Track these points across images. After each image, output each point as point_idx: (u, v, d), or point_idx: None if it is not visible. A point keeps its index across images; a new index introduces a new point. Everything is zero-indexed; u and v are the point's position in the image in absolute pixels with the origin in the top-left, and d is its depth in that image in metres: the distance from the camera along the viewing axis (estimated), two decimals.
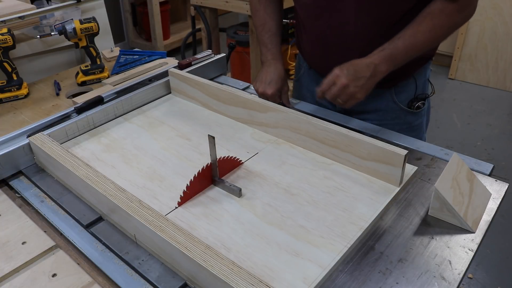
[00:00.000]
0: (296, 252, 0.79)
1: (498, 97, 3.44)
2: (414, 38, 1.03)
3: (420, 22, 1.04)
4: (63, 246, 0.85)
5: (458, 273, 0.76)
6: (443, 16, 1.03)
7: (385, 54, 1.02)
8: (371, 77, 1.00)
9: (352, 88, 0.99)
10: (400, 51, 1.03)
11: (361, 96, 1.01)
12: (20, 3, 1.58)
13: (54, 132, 1.11)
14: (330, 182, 0.97)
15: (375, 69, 1.00)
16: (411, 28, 1.04)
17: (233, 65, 3.14)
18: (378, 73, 1.02)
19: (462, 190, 0.87)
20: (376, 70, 1.01)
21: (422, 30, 1.03)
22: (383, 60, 1.02)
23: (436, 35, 1.05)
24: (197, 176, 0.92)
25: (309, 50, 1.30)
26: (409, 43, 1.03)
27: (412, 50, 1.04)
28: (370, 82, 1.01)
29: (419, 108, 1.25)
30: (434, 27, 1.03)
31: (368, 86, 1.01)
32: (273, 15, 1.27)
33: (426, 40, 1.04)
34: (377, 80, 1.02)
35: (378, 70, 1.01)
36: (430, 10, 1.04)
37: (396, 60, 1.03)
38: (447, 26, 1.06)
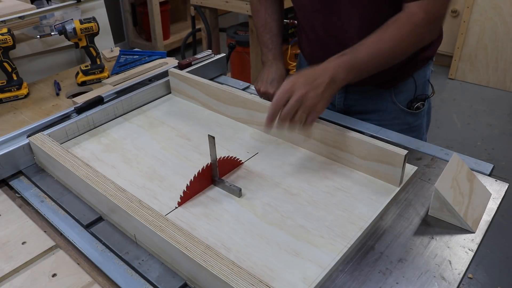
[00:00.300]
0: (296, 252, 0.79)
1: (498, 97, 3.44)
2: (377, 46, 0.96)
3: (385, 30, 0.98)
4: (63, 246, 0.85)
5: (458, 273, 0.76)
6: (410, 26, 0.97)
7: (344, 59, 0.94)
8: (329, 83, 0.91)
9: (311, 99, 0.89)
10: (361, 58, 0.95)
11: (321, 107, 0.91)
12: (20, 3, 1.58)
13: (54, 132, 1.11)
14: (330, 182, 0.97)
15: (333, 76, 0.92)
16: (375, 35, 0.97)
17: (233, 65, 3.14)
18: (337, 80, 0.92)
19: (462, 190, 0.87)
20: (334, 77, 0.92)
21: (386, 38, 0.97)
22: (342, 65, 0.93)
23: (401, 45, 0.98)
24: (197, 176, 0.92)
25: (309, 50, 1.31)
26: (371, 51, 0.96)
27: (374, 58, 0.96)
28: (329, 90, 0.92)
29: (419, 109, 1.25)
30: (399, 36, 0.97)
31: (327, 94, 0.92)
32: (273, 15, 1.27)
33: (389, 49, 0.97)
34: (336, 89, 0.93)
35: (336, 76, 0.92)
36: (397, 18, 0.98)
37: (356, 68, 0.95)
38: (413, 36, 0.99)
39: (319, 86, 0.90)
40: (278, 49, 1.26)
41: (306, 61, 1.36)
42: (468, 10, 3.41)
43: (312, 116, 0.92)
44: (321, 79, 0.91)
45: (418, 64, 1.21)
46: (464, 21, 3.46)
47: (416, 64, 1.20)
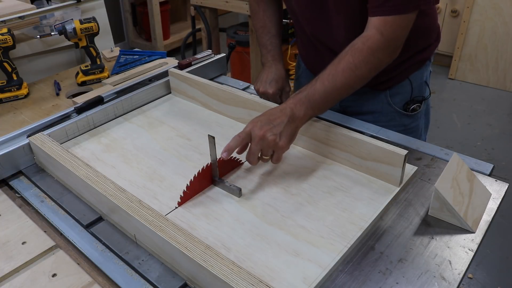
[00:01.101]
0: (296, 252, 0.79)
1: (498, 97, 3.44)
2: (332, 79, 0.95)
3: (340, 60, 0.96)
4: (63, 246, 0.85)
5: (458, 273, 0.76)
6: (366, 51, 0.95)
7: (301, 97, 0.95)
8: (289, 122, 0.92)
9: (270, 137, 0.90)
10: (319, 93, 0.95)
11: (284, 143, 0.91)
12: (20, 3, 1.58)
13: (54, 132, 1.11)
14: (330, 182, 0.97)
15: (291, 113, 0.93)
16: (330, 67, 0.97)
17: (233, 65, 3.14)
18: (296, 118, 0.93)
19: (462, 190, 0.87)
20: (293, 114, 0.93)
21: (340, 70, 0.95)
22: (299, 103, 0.94)
23: (358, 73, 0.96)
24: (197, 176, 0.92)
25: (304, 52, 1.33)
26: (327, 85, 0.95)
27: (331, 92, 0.96)
28: (289, 128, 0.92)
29: (415, 110, 1.24)
30: (353, 65, 0.95)
31: (288, 132, 0.92)
32: (272, 17, 1.28)
33: (345, 80, 0.96)
34: (298, 126, 0.95)
35: (295, 114, 0.93)
36: (353, 44, 0.97)
37: (314, 103, 0.95)
38: (370, 62, 0.96)
39: (278, 125, 0.91)
40: (277, 51, 1.26)
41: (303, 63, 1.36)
42: (468, 10, 3.41)
43: (277, 155, 0.93)
44: (279, 119, 0.92)
45: (414, 66, 1.20)
46: (464, 21, 3.46)
47: (412, 66, 1.20)
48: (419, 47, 1.18)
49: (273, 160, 0.94)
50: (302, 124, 0.96)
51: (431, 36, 1.21)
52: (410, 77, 1.21)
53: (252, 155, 0.92)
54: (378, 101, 1.23)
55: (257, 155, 0.92)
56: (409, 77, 1.21)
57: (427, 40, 1.20)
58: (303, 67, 1.37)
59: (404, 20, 0.97)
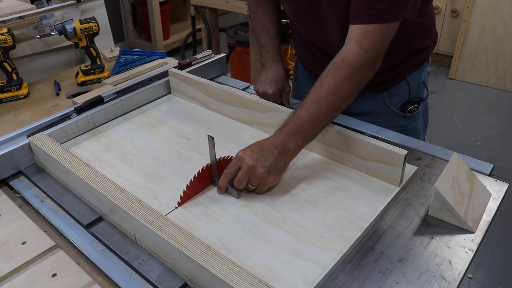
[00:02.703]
0: (296, 252, 0.79)
1: (498, 97, 3.44)
2: (317, 105, 0.93)
3: (322, 83, 0.94)
4: (63, 246, 0.85)
5: (458, 273, 0.76)
6: (345, 69, 0.93)
7: (288, 129, 0.93)
8: (280, 155, 0.91)
9: (259, 169, 0.89)
10: (306, 122, 0.93)
11: (272, 179, 0.91)
12: (20, 3, 1.58)
13: (54, 132, 1.11)
14: (330, 182, 0.97)
15: (283, 146, 0.92)
16: (313, 92, 0.94)
17: (233, 65, 3.14)
18: (288, 151, 0.92)
19: (462, 190, 0.87)
20: (284, 147, 0.92)
21: (323, 93, 0.93)
22: (288, 135, 0.92)
23: (341, 93, 0.94)
24: (197, 176, 0.92)
25: (301, 53, 1.33)
26: (312, 111, 0.93)
27: (318, 117, 0.93)
28: (280, 162, 0.92)
29: (413, 111, 1.24)
30: (335, 85, 0.93)
31: (278, 165, 0.91)
32: (271, 17, 1.28)
33: (329, 103, 0.93)
34: (289, 160, 0.94)
35: (286, 147, 0.92)
36: (333, 62, 0.95)
37: (304, 133, 0.93)
38: (352, 79, 0.93)
39: (268, 157, 0.90)
40: (277, 51, 1.26)
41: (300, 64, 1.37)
42: (468, 10, 3.41)
43: (260, 187, 0.92)
44: (271, 151, 0.91)
45: (412, 68, 1.20)
46: (464, 21, 3.46)
47: (410, 67, 1.20)
48: (417, 47, 1.18)
49: (256, 190, 0.93)
50: (294, 156, 0.95)
51: (429, 36, 1.20)
52: (408, 78, 1.21)
53: (239, 182, 0.90)
54: (375, 102, 1.23)
55: (244, 183, 0.91)
56: (406, 78, 1.21)
57: (425, 40, 1.20)
58: (301, 67, 1.38)
59: (384, 31, 0.93)
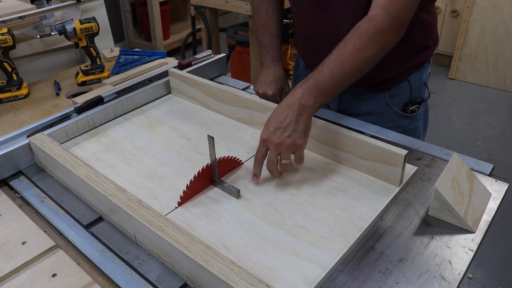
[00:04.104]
0: (296, 252, 0.79)
1: (498, 97, 3.44)
2: (341, 63, 0.93)
3: (347, 42, 0.94)
4: (63, 246, 0.85)
5: (458, 273, 0.76)
6: (370, 32, 0.93)
7: (308, 84, 0.92)
8: (299, 115, 0.90)
9: (286, 141, 0.88)
10: (327, 79, 0.92)
11: (301, 141, 0.90)
12: (20, 3, 1.58)
13: (54, 132, 1.11)
14: (330, 182, 0.97)
15: (299, 105, 0.90)
16: (337, 51, 0.94)
17: (233, 65, 3.14)
18: (306, 107, 0.90)
19: (462, 190, 0.87)
20: (301, 105, 0.90)
21: (347, 52, 0.93)
22: (307, 91, 0.91)
23: (365, 55, 0.94)
24: (197, 176, 0.92)
25: (302, 48, 1.31)
26: (335, 69, 0.92)
27: (340, 76, 0.93)
28: (301, 122, 0.90)
29: (414, 112, 1.24)
30: (360, 46, 0.93)
31: (301, 126, 0.90)
32: (274, 16, 1.27)
33: (352, 62, 0.93)
34: (310, 115, 0.92)
35: (303, 104, 0.90)
36: (359, 25, 0.95)
37: (324, 89, 0.92)
38: (375, 42, 0.94)
39: (289, 124, 0.89)
40: (277, 51, 1.26)
41: (302, 61, 1.36)
42: (468, 10, 3.41)
43: (298, 154, 0.91)
44: (289, 117, 0.90)
45: (413, 68, 1.20)
46: (464, 21, 3.46)
47: (411, 68, 1.20)
48: (420, 45, 1.18)
49: (296, 160, 0.91)
50: (314, 112, 0.93)
51: (431, 36, 1.20)
52: (409, 78, 1.21)
53: (271, 163, 0.89)
54: (377, 102, 1.23)
55: (276, 162, 0.89)
56: (408, 78, 1.21)
57: (427, 39, 1.19)
58: (302, 66, 1.37)
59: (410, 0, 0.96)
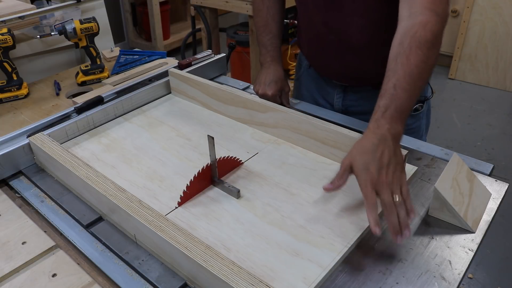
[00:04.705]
0: (296, 252, 0.79)
1: (498, 97, 3.44)
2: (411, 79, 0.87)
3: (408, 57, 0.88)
4: (63, 246, 0.85)
5: (458, 273, 0.76)
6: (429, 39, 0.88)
7: (391, 113, 0.85)
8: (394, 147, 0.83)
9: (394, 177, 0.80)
10: (405, 100, 0.86)
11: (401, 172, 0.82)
12: (20, 3, 1.58)
13: (54, 132, 1.11)
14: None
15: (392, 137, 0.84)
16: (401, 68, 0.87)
17: (233, 65, 3.14)
18: (397, 136, 0.85)
19: (462, 190, 0.87)
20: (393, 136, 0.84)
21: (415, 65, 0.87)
22: (393, 121, 0.85)
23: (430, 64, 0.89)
24: (197, 176, 0.92)
25: (307, 47, 1.31)
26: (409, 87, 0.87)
27: (414, 91, 0.88)
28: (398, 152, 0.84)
29: (417, 110, 1.24)
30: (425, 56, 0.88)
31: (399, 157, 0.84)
32: (275, 16, 1.27)
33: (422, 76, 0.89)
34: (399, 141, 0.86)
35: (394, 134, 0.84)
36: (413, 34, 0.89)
37: (405, 111, 0.87)
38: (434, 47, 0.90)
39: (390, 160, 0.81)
40: (277, 51, 1.26)
41: (305, 60, 1.36)
42: (468, 10, 3.41)
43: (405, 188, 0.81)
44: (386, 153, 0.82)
45: None
46: (464, 21, 3.46)
47: None
48: None
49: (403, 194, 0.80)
50: (402, 133, 0.87)
51: None
52: None
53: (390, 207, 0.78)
54: None
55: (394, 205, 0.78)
56: None
57: None
58: (305, 66, 1.37)
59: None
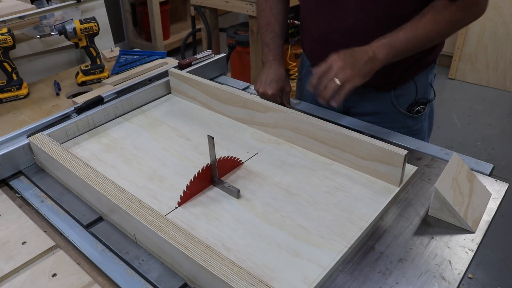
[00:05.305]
0: (296, 252, 0.79)
1: (498, 97, 3.44)
2: (415, 29, 1.02)
3: (422, 15, 1.03)
4: (63, 246, 0.85)
5: (458, 273, 0.76)
6: (446, 12, 1.01)
7: (384, 41, 1.01)
8: (369, 61, 0.99)
9: (348, 71, 0.96)
10: (400, 40, 1.01)
11: (357, 80, 0.97)
12: (20, 3, 1.58)
13: (54, 132, 1.11)
14: (330, 182, 0.97)
15: (373, 54, 1.00)
16: (413, 20, 1.03)
17: (233, 65, 3.14)
18: (376, 60, 1.00)
19: (462, 190, 0.87)
20: (374, 55, 1.00)
21: (424, 22, 1.02)
22: (381, 47, 1.01)
23: (438, 29, 1.03)
24: (197, 176, 0.92)
25: (310, 47, 1.30)
26: (410, 34, 1.02)
27: (413, 41, 1.02)
28: (368, 67, 0.99)
29: (419, 112, 1.24)
30: (436, 20, 1.02)
31: (365, 70, 0.99)
32: (278, 16, 1.27)
33: (427, 32, 1.02)
34: (376, 66, 1.01)
35: (376, 56, 1.00)
36: (434, 4, 1.03)
37: (396, 49, 1.02)
38: (450, 21, 1.03)
39: (358, 62, 0.98)
40: (279, 50, 1.26)
41: (307, 60, 1.36)
42: None
43: (347, 85, 0.96)
44: (361, 57, 0.99)
45: (419, 68, 1.20)
46: None
47: (417, 68, 1.20)
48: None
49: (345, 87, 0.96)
50: (380, 66, 1.01)
51: None
52: (415, 78, 1.21)
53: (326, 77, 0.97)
54: (382, 101, 1.23)
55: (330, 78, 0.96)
56: (414, 78, 1.20)
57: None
58: (308, 66, 1.36)
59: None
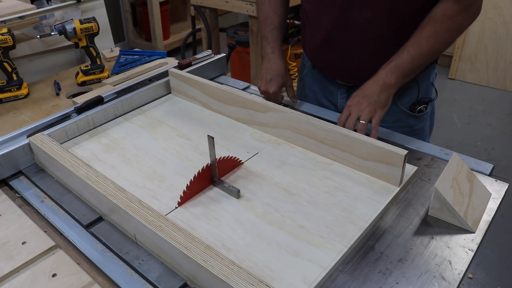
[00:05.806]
0: (296, 252, 0.79)
1: (498, 97, 3.44)
2: (419, 47, 1.04)
3: (423, 29, 1.04)
4: (63, 246, 0.85)
5: (458, 273, 0.76)
6: (446, 20, 1.03)
7: (390, 66, 1.05)
8: (382, 91, 1.04)
9: (367, 109, 1.02)
10: (406, 61, 1.04)
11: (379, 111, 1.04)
12: (20, 3, 1.58)
13: (54, 132, 1.11)
14: (330, 182, 0.97)
15: (383, 82, 1.04)
16: (414, 37, 1.05)
17: (233, 65, 3.14)
18: (389, 86, 1.04)
19: (462, 190, 0.87)
20: (384, 83, 1.04)
21: (426, 36, 1.03)
22: (389, 72, 1.04)
23: (441, 40, 1.04)
24: (197, 176, 0.92)
25: (312, 46, 1.30)
26: (414, 52, 1.04)
27: (418, 58, 1.05)
28: (383, 96, 1.04)
29: (421, 111, 1.24)
30: (437, 32, 1.03)
31: (383, 100, 1.04)
32: (277, 9, 1.27)
33: (431, 46, 1.04)
34: (390, 93, 1.06)
35: (387, 83, 1.04)
36: (432, 15, 1.04)
37: (404, 70, 1.05)
38: (450, 29, 1.04)
39: (371, 95, 1.04)
40: (277, 42, 1.25)
41: (308, 61, 1.35)
42: None
43: (375, 120, 1.03)
44: (371, 90, 1.04)
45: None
46: None
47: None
48: None
49: (373, 122, 1.03)
50: (395, 90, 1.07)
51: None
52: (417, 77, 1.21)
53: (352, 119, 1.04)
54: None
55: (354, 121, 1.03)
56: (416, 77, 1.20)
57: None
58: (309, 66, 1.36)
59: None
